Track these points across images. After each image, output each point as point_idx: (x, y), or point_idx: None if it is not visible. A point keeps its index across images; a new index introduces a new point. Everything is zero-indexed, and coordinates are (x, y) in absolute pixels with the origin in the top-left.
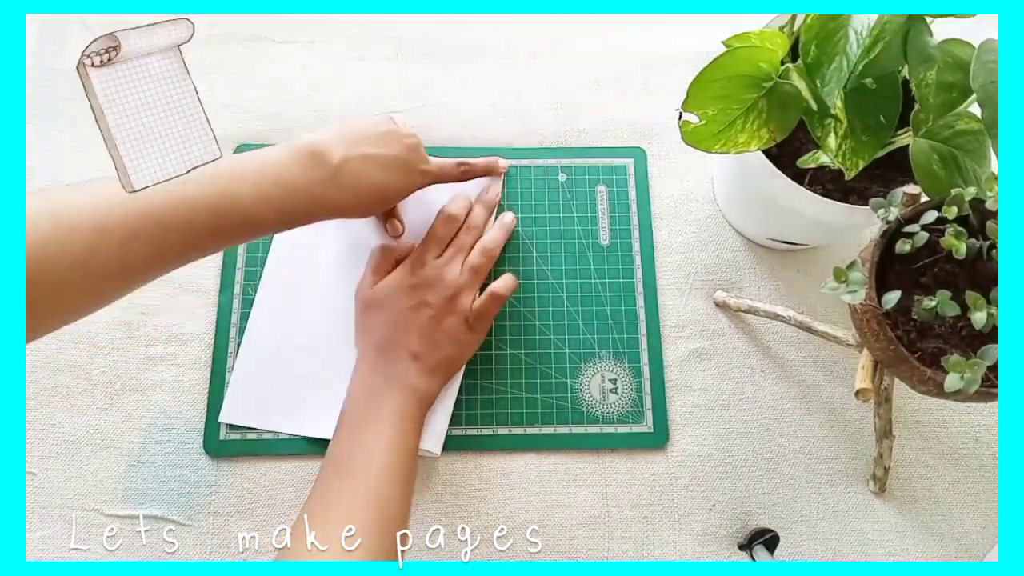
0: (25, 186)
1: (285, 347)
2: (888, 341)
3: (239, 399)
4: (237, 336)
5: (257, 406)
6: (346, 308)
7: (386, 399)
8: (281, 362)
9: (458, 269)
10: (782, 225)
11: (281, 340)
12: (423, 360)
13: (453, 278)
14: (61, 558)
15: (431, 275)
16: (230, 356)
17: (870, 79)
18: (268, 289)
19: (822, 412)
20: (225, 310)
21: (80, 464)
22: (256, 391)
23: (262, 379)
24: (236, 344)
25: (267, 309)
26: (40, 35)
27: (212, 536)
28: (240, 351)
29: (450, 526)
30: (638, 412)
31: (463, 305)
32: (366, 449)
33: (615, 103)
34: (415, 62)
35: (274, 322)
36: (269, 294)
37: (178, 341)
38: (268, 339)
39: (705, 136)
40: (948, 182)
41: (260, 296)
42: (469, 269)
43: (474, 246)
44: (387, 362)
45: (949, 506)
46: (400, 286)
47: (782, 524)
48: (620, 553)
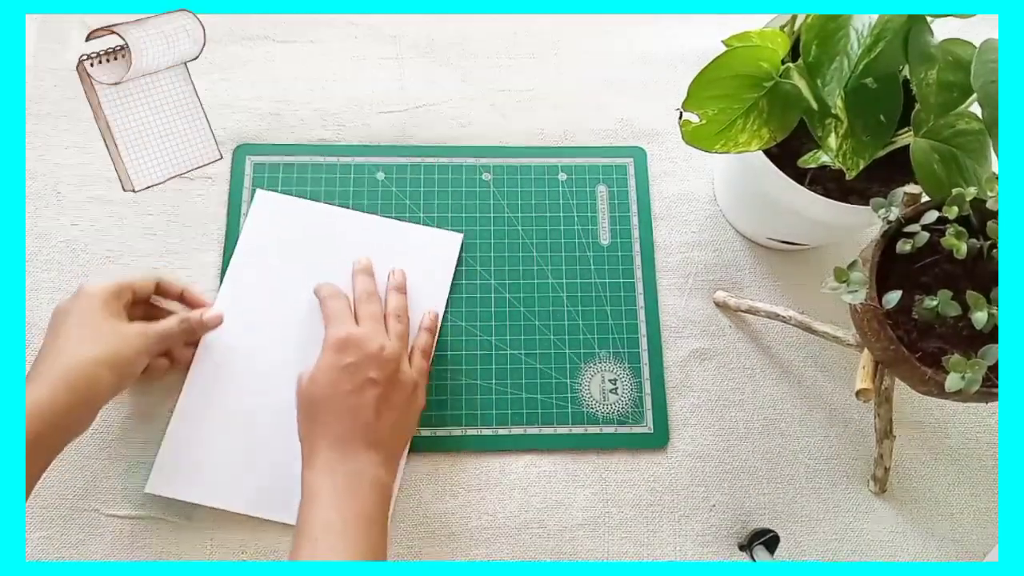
0: (25, 186)
1: (218, 418)
2: (889, 341)
3: (167, 469)
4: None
5: (186, 477)
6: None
7: (352, 500)
8: (214, 434)
9: (385, 336)
10: (782, 225)
11: (215, 411)
12: (382, 448)
13: (391, 348)
14: (61, 558)
15: (367, 349)
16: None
17: (871, 79)
18: (205, 356)
19: (822, 412)
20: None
21: (80, 465)
22: (187, 462)
23: (193, 450)
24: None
25: (202, 379)
26: (40, 35)
27: (212, 536)
28: (171, 420)
29: (450, 526)
30: (638, 412)
31: (406, 374)
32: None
33: (615, 103)
34: (415, 62)
35: (209, 392)
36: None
37: None
38: (202, 409)
39: (705, 136)
40: (949, 182)
41: (196, 363)
42: (396, 336)
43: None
44: (344, 458)
45: (949, 506)
46: (336, 367)
47: (782, 524)
48: (620, 553)
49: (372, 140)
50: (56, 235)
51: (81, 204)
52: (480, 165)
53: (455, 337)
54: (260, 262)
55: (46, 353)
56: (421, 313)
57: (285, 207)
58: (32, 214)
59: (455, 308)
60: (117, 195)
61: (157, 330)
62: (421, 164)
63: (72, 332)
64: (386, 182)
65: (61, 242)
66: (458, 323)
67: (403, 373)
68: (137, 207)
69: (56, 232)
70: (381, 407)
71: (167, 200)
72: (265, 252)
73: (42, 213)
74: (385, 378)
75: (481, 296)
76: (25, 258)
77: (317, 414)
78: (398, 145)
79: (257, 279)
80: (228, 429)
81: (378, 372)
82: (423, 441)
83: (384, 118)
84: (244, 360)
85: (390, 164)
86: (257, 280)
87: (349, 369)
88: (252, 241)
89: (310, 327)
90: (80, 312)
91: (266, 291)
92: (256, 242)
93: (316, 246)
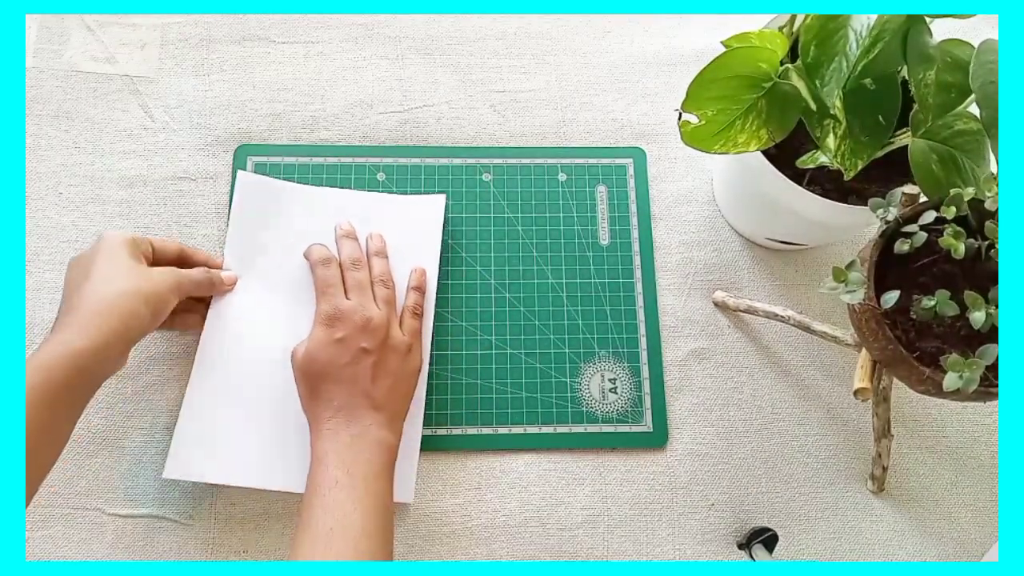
0: (25, 186)
1: (230, 396)
2: (887, 341)
3: (183, 452)
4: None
5: (203, 458)
6: (285, 351)
7: (356, 460)
8: (227, 412)
9: (373, 305)
10: (781, 225)
11: (224, 392)
12: (384, 410)
13: (378, 317)
14: (61, 558)
15: (355, 321)
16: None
17: (869, 79)
18: (211, 335)
19: (821, 412)
20: None
21: (81, 464)
22: (201, 443)
23: (207, 430)
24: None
25: (209, 361)
26: (40, 35)
27: (212, 536)
28: (183, 406)
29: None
30: (637, 412)
31: (396, 338)
32: (342, 517)
33: (615, 103)
34: (415, 62)
35: (216, 374)
36: (212, 340)
37: (179, 340)
38: (212, 388)
39: (705, 136)
40: (947, 182)
41: (202, 345)
42: (383, 301)
43: (370, 278)
44: (348, 421)
45: (947, 505)
46: (329, 342)
47: (781, 523)
48: (619, 552)
49: (372, 140)
50: (57, 235)
51: (82, 204)
52: (480, 165)
53: (455, 337)
54: (252, 243)
55: (70, 300)
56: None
57: (267, 188)
58: (33, 214)
59: (455, 308)
60: (118, 195)
61: (185, 272)
62: (421, 164)
63: (99, 271)
64: (386, 182)
65: (63, 243)
66: (458, 323)
67: (393, 338)
68: (138, 207)
69: (57, 232)
70: (377, 373)
71: (168, 200)
72: (255, 233)
73: (43, 213)
74: (377, 346)
75: (481, 296)
76: (26, 258)
77: (317, 386)
78: (398, 145)
79: (251, 259)
80: (238, 409)
81: (369, 341)
82: (424, 440)
83: (384, 118)
84: (246, 340)
85: (390, 164)
86: (251, 260)
87: (342, 342)
88: (242, 222)
89: (307, 303)
90: (105, 253)
91: (260, 270)
92: (246, 223)
93: (301, 223)
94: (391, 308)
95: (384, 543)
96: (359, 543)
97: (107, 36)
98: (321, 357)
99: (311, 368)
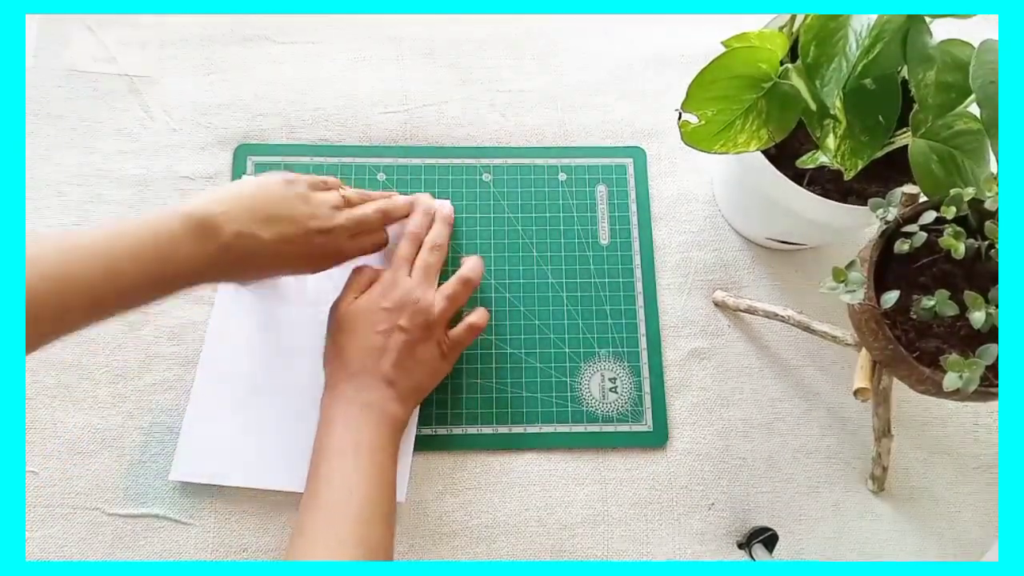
0: (25, 186)
1: (236, 396)
2: (887, 341)
3: (189, 454)
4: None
5: (209, 460)
6: (302, 346)
7: (362, 428)
8: (232, 413)
9: (431, 293)
10: (781, 225)
11: (232, 388)
12: (397, 387)
13: (428, 303)
14: (61, 558)
15: (404, 298)
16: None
17: (869, 79)
18: (216, 339)
19: (821, 411)
20: None
21: (81, 463)
22: (207, 444)
23: (213, 431)
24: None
25: (214, 359)
26: (40, 35)
27: (212, 536)
28: (189, 403)
29: (451, 524)
30: (637, 411)
31: (438, 332)
32: (345, 484)
33: (615, 103)
34: (415, 62)
35: (222, 375)
36: (216, 342)
37: (180, 340)
38: (217, 389)
39: (705, 136)
40: (947, 182)
41: (207, 345)
42: (444, 297)
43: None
44: (360, 388)
45: (947, 505)
46: (375, 307)
47: (781, 523)
48: (619, 552)
49: (372, 140)
50: None
51: (82, 204)
52: (480, 165)
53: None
54: None
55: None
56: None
57: None
58: (33, 214)
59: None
60: (119, 195)
61: (353, 214)
62: (421, 164)
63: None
64: (386, 182)
65: None
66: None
67: (435, 332)
68: (138, 207)
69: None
70: (403, 353)
71: (169, 200)
72: None
73: (44, 213)
74: (413, 328)
75: (481, 296)
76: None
77: (345, 344)
78: (398, 145)
79: None
80: (243, 409)
81: (408, 321)
82: (423, 440)
83: (384, 118)
84: (250, 340)
85: (390, 164)
86: None
87: (385, 311)
88: None
89: (311, 303)
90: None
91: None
92: None
93: None
94: (449, 304)
95: (386, 515)
96: (361, 514)
97: (107, 36)
98: (360, 315)
99: (344, 321)
